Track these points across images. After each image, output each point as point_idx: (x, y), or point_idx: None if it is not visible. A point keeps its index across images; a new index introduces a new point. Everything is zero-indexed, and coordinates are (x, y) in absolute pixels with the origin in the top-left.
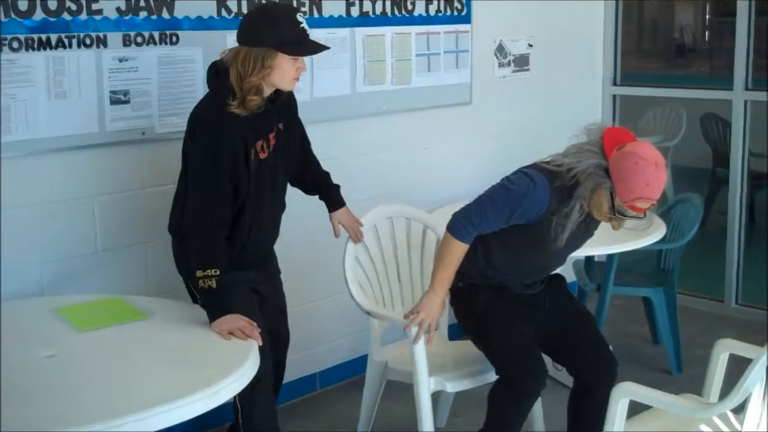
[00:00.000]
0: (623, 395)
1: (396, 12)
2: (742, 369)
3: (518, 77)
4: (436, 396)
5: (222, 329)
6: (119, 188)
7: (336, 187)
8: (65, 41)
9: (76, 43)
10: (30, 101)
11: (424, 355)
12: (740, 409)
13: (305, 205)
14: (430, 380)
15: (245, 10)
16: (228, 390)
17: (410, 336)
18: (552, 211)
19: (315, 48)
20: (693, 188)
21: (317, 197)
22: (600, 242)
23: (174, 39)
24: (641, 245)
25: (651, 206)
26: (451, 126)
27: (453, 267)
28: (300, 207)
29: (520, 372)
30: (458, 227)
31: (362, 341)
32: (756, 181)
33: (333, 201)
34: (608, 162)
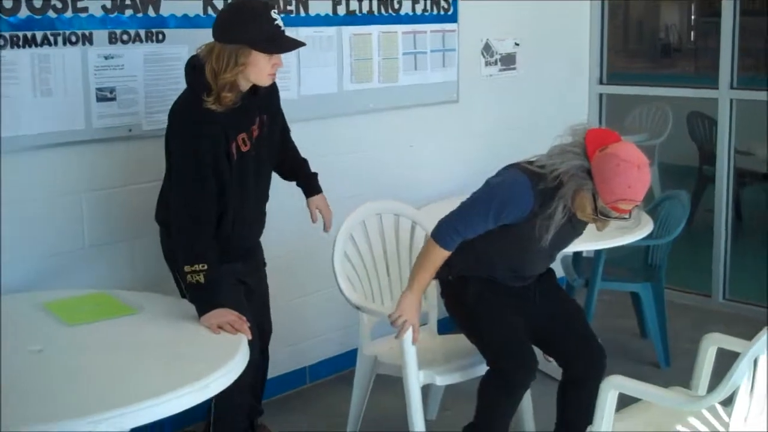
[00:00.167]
0: (612, 388)
1: (383, 11)
2: (730, 363)
3: (505, 76)
4: (426, 389)
5: (211, 323)
6: (106, 185)
7: (314, 175)
8: (51, 39)
9: (62, 41)
10: (15, 98)
11: (414, 349)
12: (728, 402)
13: (295, 201)
14: (420, 374)
15: None
16: (217, 384)
17: (402, 341)
18: (535, 213)
19: (289, 45)
20: (680, 186)
21: (295, 184)
22: (588, 238)
23: (160, 37)
24: (629, 241)
25: (635, 207)
26: (438, 124)
27: (434, 271)
28: (290, 203)
29: (511, 364)
30: (443, 235)
31: (352, 335)
32: (742, 179)
33: (310, 187)
34: (590, 163)
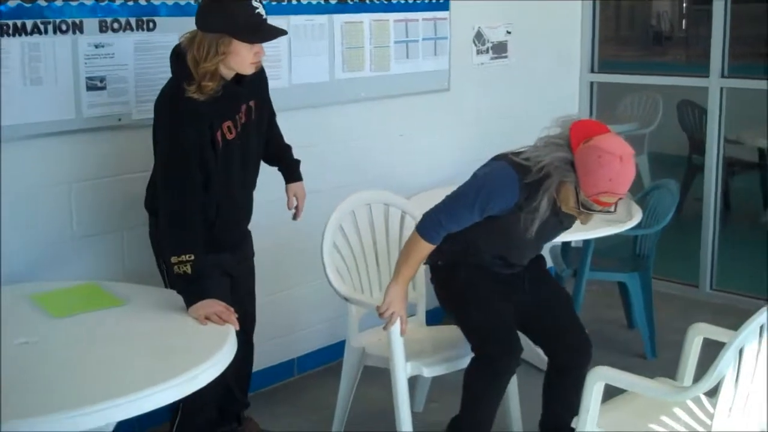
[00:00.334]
0: (598, 379)
1: None
2: (716, 353)
3: (496, 64)
4: (413, 381)
5: (199, 314)
6: (96, 174)
7: (296, 162)
8: (41, 27)
9: (52, 29)
10: (5, 88)
11: (401, 341)
12: (713, 393)
13: (284, 193)
14: (407, 365)
15: None
16: (206, 375)
17: (390, 332)
18: (520, 206)
19: (270, 34)
20: (669, 175)
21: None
22: (576, 228)
23: (151, 25)
24: (617, 231)
25: (618, 200)
26: (430, 113)
27: (419, 263)
28: (280, 194)
29: (497, 350)
30: (428, 229)
31: (340, 327)
32: (731, 168)
33: (291, 173)
34: (574, 156)
